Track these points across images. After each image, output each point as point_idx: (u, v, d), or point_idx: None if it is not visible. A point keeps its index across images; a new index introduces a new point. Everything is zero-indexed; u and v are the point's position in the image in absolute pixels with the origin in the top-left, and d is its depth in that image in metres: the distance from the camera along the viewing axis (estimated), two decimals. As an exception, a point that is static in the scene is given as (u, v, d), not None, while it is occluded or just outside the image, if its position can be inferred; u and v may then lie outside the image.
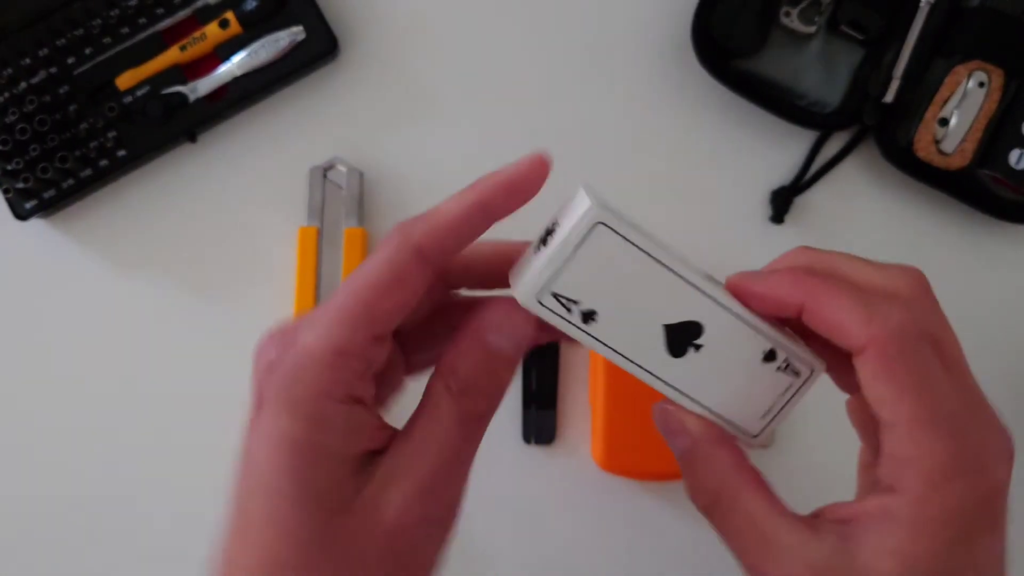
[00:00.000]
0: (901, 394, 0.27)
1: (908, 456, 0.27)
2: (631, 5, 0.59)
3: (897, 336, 0.27)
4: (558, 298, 0.28)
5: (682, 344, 0.29)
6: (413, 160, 0.58)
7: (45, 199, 0.56)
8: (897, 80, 0.56)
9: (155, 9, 0.57)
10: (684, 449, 0.30)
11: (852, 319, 0.27)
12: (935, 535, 0.26)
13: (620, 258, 0.28)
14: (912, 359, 0.27)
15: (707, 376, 0.30)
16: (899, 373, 0.27)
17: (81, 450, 0.57)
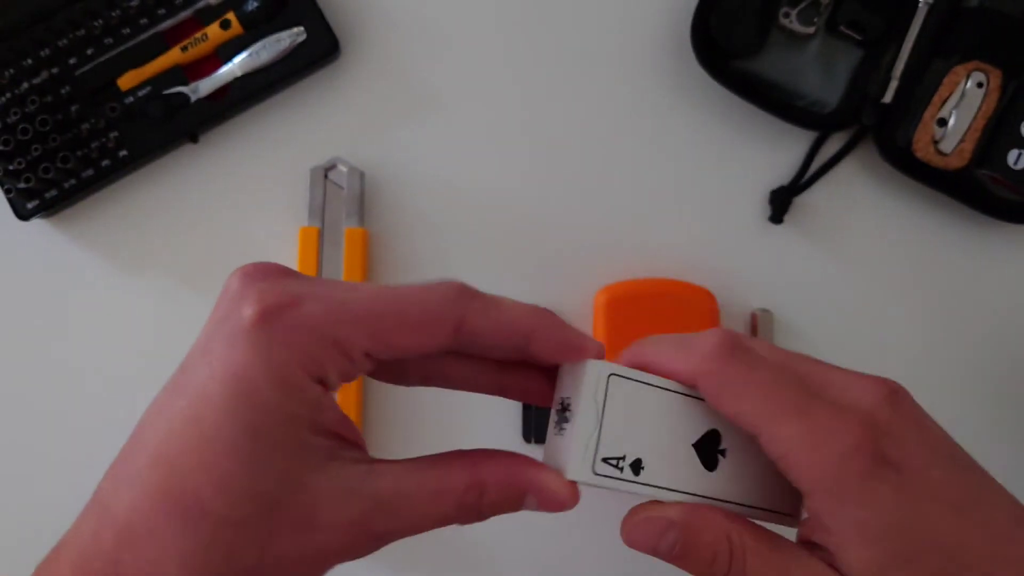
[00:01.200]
0: (740, 401, 0.29)
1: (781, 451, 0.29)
2: (630, 5, 0.59)
3: (712, 353, 0.29)
4: (608, 462, 0.29)
5: (712, 455, 0.31)
6: (414, 160, 0.58)
7: (47, 199, 0.56)
8: (896, 80, 0.56)
9: (157, 10, 0.57)
10: (679, 539, 0.30)
11: (674, 361, 0.30)
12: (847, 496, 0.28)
13: (636, 400, 0.30)
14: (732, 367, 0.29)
15: (741, 476, 0.31)
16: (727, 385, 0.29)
17: (81, 450, 0.57)
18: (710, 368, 0.29)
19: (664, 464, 0.30)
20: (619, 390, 0.30)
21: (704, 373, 0.29)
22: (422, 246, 0.58)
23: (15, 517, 0.57)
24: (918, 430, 0.29)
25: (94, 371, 0.58)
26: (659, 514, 0.30)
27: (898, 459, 0.28)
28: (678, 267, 0.57)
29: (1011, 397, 0.58)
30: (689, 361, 0.30)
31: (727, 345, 0.29)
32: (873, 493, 0.27)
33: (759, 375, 0.29)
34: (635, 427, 0.30)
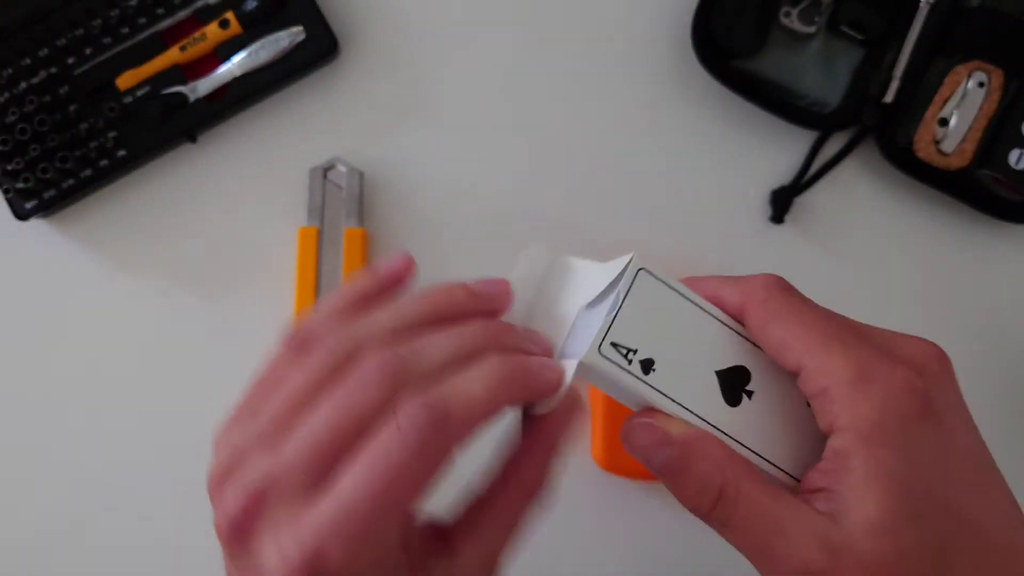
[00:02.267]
0: (787, 330, 0.29)
1: (822, 384, 0.28)
2: (631, 5, 0.59)
3: (765, 284, 0.30)
4: (617, 348, 0.28)
5: (736, 391, 0.30)
6: (413, 160, 0.58)
7: (45, 199, 0.56)
8: (897, 80, 0.56)
9: (155, 9, 0.57)
10: (673, 456, 0.29)
11: (722, 289, 0.31)
12: (885, 439, 0.27)
13: (664, 305, 0.29)
14: (783, 299, 0.29)
15: (763, 424, 0.30)
16: (777, 314, 0.29)
17: (82, 450, 0.57)
18: (761, 297, 0.29)
19: (679, 377, 0.29)
20: (646, 286, 0.29)
21: (754, 302, 0.29)
22: (421, 246, 0.58)
23: (15, 517, 0.57)
24: (957, 393, 0.29)
25: (92, 370, 0.57)
26: (661, 425, 0.29)
27: (940, 413, 0.27)
28: (679, 267, 0.57)
29: (1011, 396, 0.58)
30: (738, 291, 0.30)
31: (779, 282, 0.30)
32: (912, 441, 0.27)
33: (809, 310, 0.29)
34: (655, 328, 0.29)
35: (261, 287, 0.57)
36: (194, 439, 0.57)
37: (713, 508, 0.28)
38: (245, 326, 0.57)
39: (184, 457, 0.57)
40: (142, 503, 0.57)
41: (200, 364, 0.57)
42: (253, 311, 0.57)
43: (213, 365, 0.57)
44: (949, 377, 0.29)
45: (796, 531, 0.27)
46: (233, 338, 0.57)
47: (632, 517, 0.57)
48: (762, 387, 0.30)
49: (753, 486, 0.28)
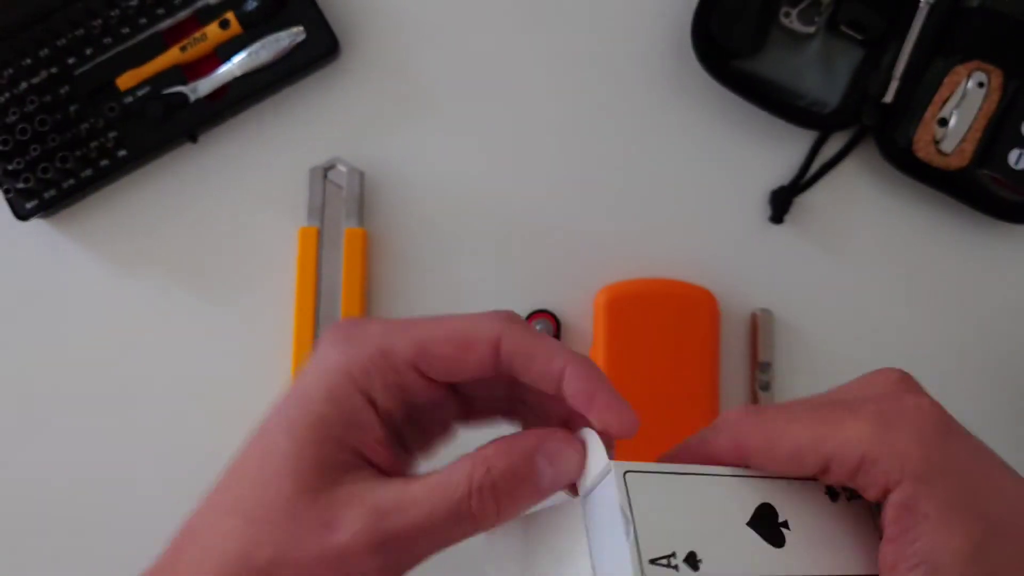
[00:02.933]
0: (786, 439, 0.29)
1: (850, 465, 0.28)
2: (631, 5, 0.59)
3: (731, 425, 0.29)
4: (656, 563, 0.26)
5: (774, 530, 0.28)
6: (414, 160, 0.58)
7: (46, 199, 0.56)
8: (896, 80, 0.56)
9: (156, 9, 0.57)
10: None
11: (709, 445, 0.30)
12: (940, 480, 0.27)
13: (663, 491, 0.27)
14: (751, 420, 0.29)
15: (813, 544, 0.29)
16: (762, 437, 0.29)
17: (82, 449, 0.57)
18: (738, 431, 0.29)
19: (723, 551, 0.27)
20: (639, 485, 0.27)
21: (740, 436, 0.29)
22: (421, 246, 0.58)
23: (15, 516, 0.57)
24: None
25: (93, 370, 0.57)
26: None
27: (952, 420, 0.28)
28: (678, 267, 0.57)
29: (1012, 396, 0.58)
30: (722, 436, 0.29)
31: (740, 410, 0.30)
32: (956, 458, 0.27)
33: (783, 410, 0.29)
34: (672, 519, 0.27)
35: (261, 287, 0.57)
36: (195, 438, 0.57)
37: None
38: (245, 325, 0.57)
39: (185, 456, 0.57)
40: (142, 502, 0.57)
41: (201, 363, 0.57)
42: (253, 311, 0.57)
43: (214, 364, 0.57)
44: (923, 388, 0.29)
45: None
46: (233, 337, 0.57)
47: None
48: (792, 512, 0.29)
49: None
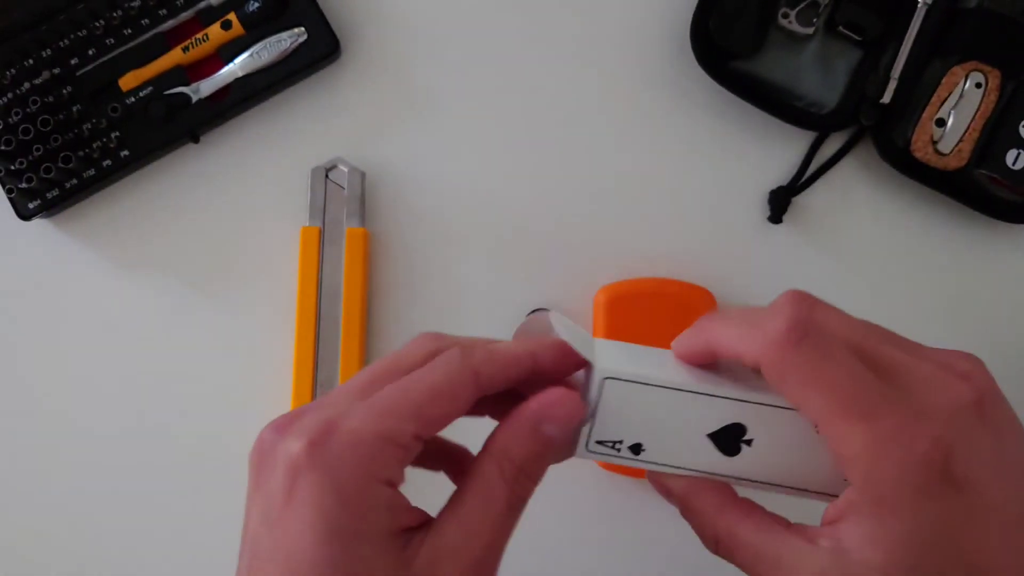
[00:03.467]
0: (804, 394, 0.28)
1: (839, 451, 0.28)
2: (630, 6, 0.59)
3: (779, 339, 0.28)
4: (602, 443, 0.31)
5: (733, 444, 0.31)
6: (415, 160, 0.58)
7: (48, 199, 0.56)
8: (894, 81, 0.56)
9: (158, 10, 0.57)
10: (678, 509, 0.32)
11: (740, 342, 0.29)
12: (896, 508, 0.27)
13: (641, 397, 0.30)
14: (798, 357, 0.28)
15: (770, 461, 0.31)
16: (791, 375, 0.28)
17: (83, 448, 0.58)
18: (776, 356, 0.28)
19: (671, 448, 0.31)
20: (617, 390, 0.30)
21: (770, 361, 0.28)
22: (423, 246, 0.58)
23: (16, 515, 0.57)
24: (995, 442, 0.27)
25: (95, 370, 0.58)
26: (665, 482, 0.32)
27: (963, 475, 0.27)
28: (678, 267, 0.57)
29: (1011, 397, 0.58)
30: (755, 345, 0.28)
31: (797, 329, 0.28)
32: (923, 511, 0.26)
33: (829, 368, 0.27)
34: (635, 418, 0.31)
35: (263, 286, 0.58)
36: (195, 437, 0.57)
37: (717, 550, 0.31)
38: (247, 325, 0.58)
39: (186, 456, 0.57)
40: (143, 502, 0.57)
41: (202, 363, 0.58)
42: (255, 310, 0.58)
43: (215, 364, 0.58)
44: (986, 424, 0.28)
45: (794, 566, 0.28)
46: (235, 337, 0.58)
47: (632, 515, 0.57)
48: (762, 433, 0.31)
49: (747, 530, 0.30)
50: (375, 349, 0.57)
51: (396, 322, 0.58)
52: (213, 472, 0.57)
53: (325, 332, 0.55)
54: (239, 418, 0.57)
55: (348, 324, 0.55)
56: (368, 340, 0.57)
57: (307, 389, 0.55)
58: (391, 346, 0.57)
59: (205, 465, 0.57)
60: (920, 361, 0.29)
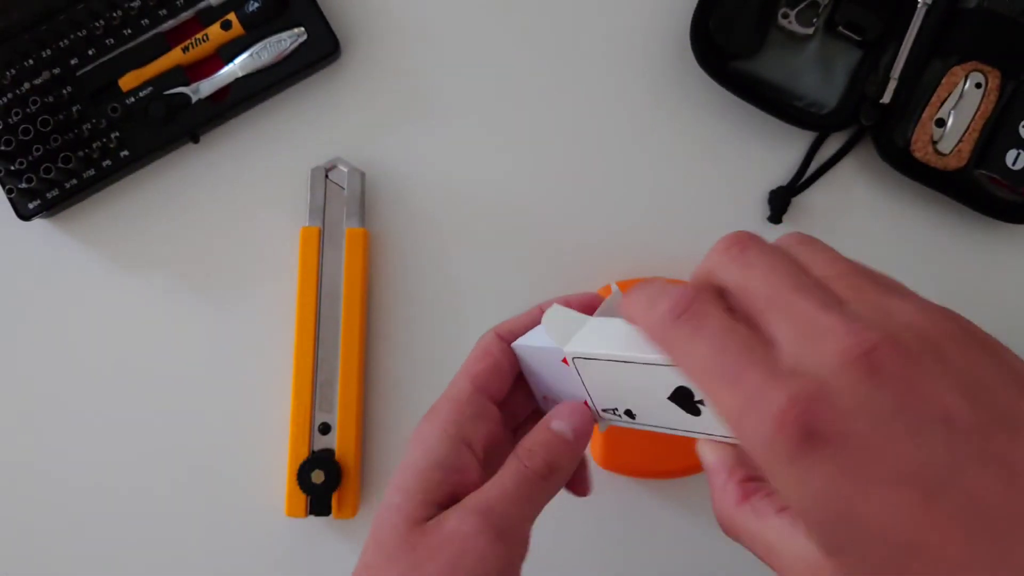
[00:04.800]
0: (683, 367, 0.27)
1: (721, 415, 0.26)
2: (630, 7, 0.59)
3: (660, 318, 0.28)
4: (607, 412, 0.35)
5: (691, 406, 0.31)
6: (415, 160, 0.58)
7: (48, 199, 0.56)
8: (894, 81, 0.56)
9: (158, 11, 0.57)
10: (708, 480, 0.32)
11: (638, 317, 0.29)
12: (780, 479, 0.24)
13: (605, 371, 0.33)
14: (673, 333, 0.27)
15: None
16: (670, 351, 0.28)
17: (84, 448, 0.58)
18: (658, 335, 0.28)
19: (651, 412, 0.33)
20: (586, 365, 0.33)
21: (655, 338, 0.28)
22: (423, 246, 0.58)
23: (15, 515, 0.57)
24: (879, 392, 0.23)
25: (95, 369, 0.58)
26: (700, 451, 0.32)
27: (841, 432, 0.23)
28: (678, 267, 0.57)
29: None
30: (646, 323, 0.29)
31: (676, 308, 0.27)
32: (801, 473, 0.23)
33: (701, 342, 0.26)
34: (613, 389, 0.33)
35: (263, 286, 0.58)
36: (196, 436, 0.57)
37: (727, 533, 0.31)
38: (247, 324, 0.58)
39: (186, 455, 0.57)
40: (142, 501, 0.57)
41: (203, 362, 0.58)
42: (255, 310, 0.58)
43: (216, 363, 0.58)
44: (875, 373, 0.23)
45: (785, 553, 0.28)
46: (235, 336, 0.58)
47: (631, 515, 0.57)
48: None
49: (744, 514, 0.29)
50: (375, 349, 0.57)
51: (396, 322, 0.58)
52: (212, 470, 0.57)
53: (325, 332, 0.55)
54: (239, 417, 0.57)
55: (348, 324, 0.55)
56: (368, 340, 0.57)
57: (307, 389, 0.55)
58: (391, 346, 0.57)
59: (204, 463, 0.57)
60: (825, 313, 0.25)
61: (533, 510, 0.34)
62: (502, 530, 0.32)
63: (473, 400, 0.36)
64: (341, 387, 0.55)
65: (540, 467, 0.34)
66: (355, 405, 0.55)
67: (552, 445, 0.35)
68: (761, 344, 0.26)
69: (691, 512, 0.57)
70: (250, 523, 0.56)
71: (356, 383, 0.55)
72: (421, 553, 0.32)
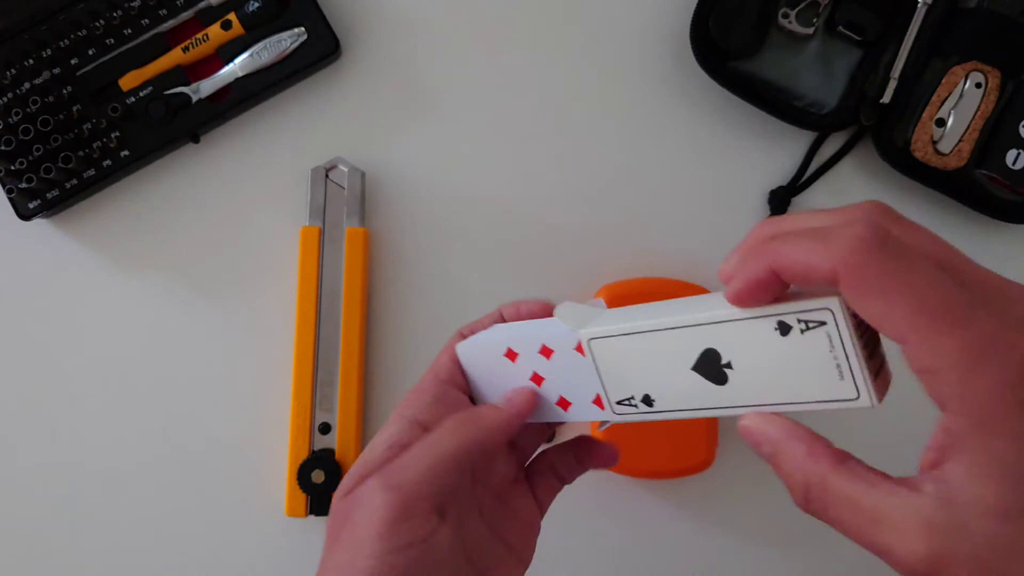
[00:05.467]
0: (889, 302, 0.25)
1: (930, 364, 0.25)
2: (630, 7, 0.59)
3: (859, 246, 0.25)
4: (622, 403, 0.34)
5: (718, 372, 0.31)
6: (415, 160, 0.58)
7: (48, 199, 0.56)
8: (894, 81, 0.56)
9: (158, 10, 0.57)
10: (768, 455, 0.29)
11: (812, 255, 0.26)
12: (1001, 429, 0.24)
13: (625, 349, 0.32)
14: (883, 263, 0.25)
15: (759, 381, 0.30)
16: (875, 282, 0.25)
17: (83, 447, 0.58)
18: (855, 263, 0.25)
19: (672, 392, 0.32)
20: (604, 348, 0.33)
21: (848, 270, 0.25)
22: (423, 246, 0.58)
23: (15, 515, 0.57)
24: None
25: (95, 369, 0.58)
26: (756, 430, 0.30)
27: None
28: (677, 266, 0.57)
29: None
30: (829, 254, 0.26)
31: (875, 237, 0.25)
32: None
33: (915, 276, 0.25)
34: (631, 371, 0.33)
35: (263, 286, 0.58)
36: (196, 436, 0.57)
37: (807, 505, 0.28)
38: (248, 324, 0.58)
39: (186, 455, 0.57)
40: (142, 501, 0.57)
41: (203, 362, 0.58)
42: (255, 309, 0.58)
43: (216, 363, 0.58)
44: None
45: (896, 518, 0.25)
46: (236, 336, 0.58)
47: (631, 514, 0.57)
48: (736, 352, 0.30)
49: (841, 480, 0.27)
50: (375, 348, 0.57)
51: (396, 322, 0.58)
52: (213, 470, 0.57)
53: (325, 331, 0.55)
54: (239, 417, 0.57)
55: (348, 323, 0.55)
56: (368, 340, 0.57)
57: (307, 388, 0.55)
58: (391, 345, 0.57)
59: (205, 463, 0.57)
60: (1009, 282, 0.26)
61: (440, 462, 0.33)
62: (396, 481, 0.33)
63: (432, 388, 0.37)
64: (341, 387, 0.55)
65: (451, 421, 0.35)
66: (355, 405, 0.55)
67: (476, 409, 0.36)
68: (980, 291, 0.25)
69: (691, 512, 0.57)
70: (250, 523, 0.56)
71: (356, 383, 0.55)
72: (339, 520, 0.33)
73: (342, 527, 0.33)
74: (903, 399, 0.32)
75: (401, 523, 0.32)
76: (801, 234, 0.27)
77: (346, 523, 0.33)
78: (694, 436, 0.53)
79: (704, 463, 0.53)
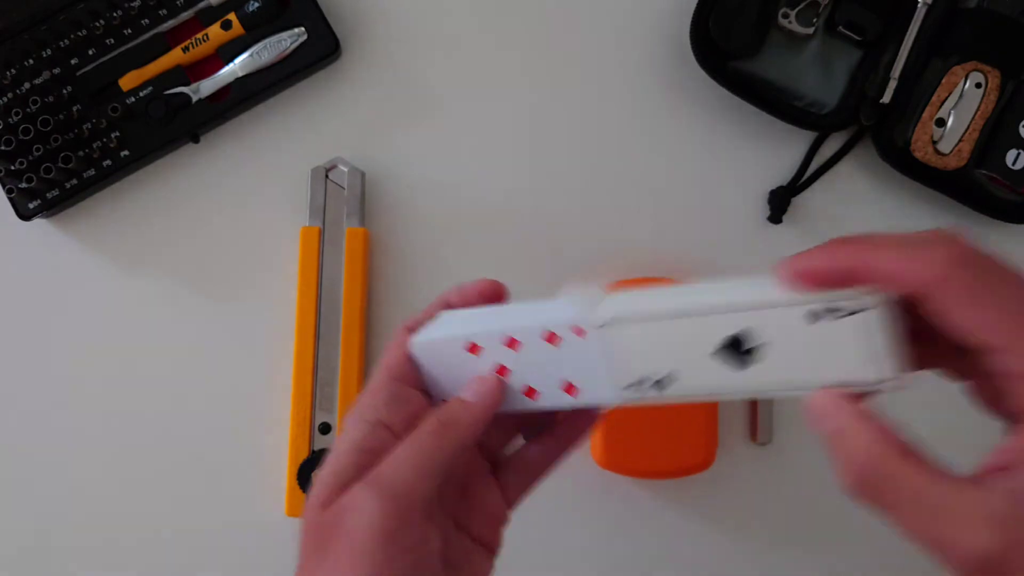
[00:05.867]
0: (983, 311, 0.26)
1: (1019, 370, 0.26)
2: (630, 7, 0.59)
3: (951, 259, 0.27)
4: (629, 388, 0.33)
5: (740, 358, 0.30)
6: (415, 160, 0.58)
7: (48, 199, 0.56)
8: (894, 81, 0.56)
9: (158, 10, 0.57)
10: (832, 431, 0.29)
11: (910, 262, 0.27)
12: None
13: (641, 334, 0.32)
14: (978, 275, 0.27)
15: (784, 367, 0.30)
16: (969, 292, 0.26)
17: (83, 447, 0.58)
18: (952, 274, 0.27)
19: (688, 376, 0.32)
20: (618, 332, 0.32)
21: (941, 279, 0.27)
22: (423, 246, 0.58)
23: (16, 515, 0.57)
24: None
25: (95, 369, 0.58)
26: (819, 407, 0.29)
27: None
28: (677, 266, 0.57)
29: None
30: (926, 265, 0.27)
31: (971, 251, 0.27)
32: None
33: (1008, 288, 0.27)
34: (647, 352, 0.32)
35: (263, 286, 0.58)
36: (196, 436, 0.57)
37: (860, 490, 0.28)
38: (247, 324, 0.58)
39: (186, 454, 0.57)
40: (142, 501, 0.57)
41: (203, 362, 0.58)
42: (255, 309, 0.58)
43: (216, 363, 0.58)
44: None
45: (961, 511, 0.26)
46: (235, 336, 0.58)
47: (630, 514, 0.57)
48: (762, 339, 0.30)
49: (908, 467, 0.27)
50: (375, 349, 0.57)
51: (396, 322, 0.57)
52: (213, 470, 0.57)
53: (325, 332, 0.55)
54: (239, 417, 0.57)
55: (348, 324, 0.55)
56: (368, 340, 0.57)
57: (307, 388, 0.55)
58: (391, 346, 0.58)
59: (205, 463, 0.57)
60: None
61: (429, 466, 0.33)
62: (389, 488, 0.32)
63: (387, 386, 0.36)
64: (341, 387, 0.55)
65: (432, 424, 0.34)
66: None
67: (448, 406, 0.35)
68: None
69: (691, 512, 0.57)
70: (250, 523, 0.56)
71: (356, 383, 0.55)
72: (325, 531, 0.33)
73: (329, 538, 0.32)
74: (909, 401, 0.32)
75: (401, 530, 0.32)
76: (894, 243, 0.28)
77: (334, 534, 0.32)
78: (694, 436, 0.53)
79: (704, 463, 0.53)
